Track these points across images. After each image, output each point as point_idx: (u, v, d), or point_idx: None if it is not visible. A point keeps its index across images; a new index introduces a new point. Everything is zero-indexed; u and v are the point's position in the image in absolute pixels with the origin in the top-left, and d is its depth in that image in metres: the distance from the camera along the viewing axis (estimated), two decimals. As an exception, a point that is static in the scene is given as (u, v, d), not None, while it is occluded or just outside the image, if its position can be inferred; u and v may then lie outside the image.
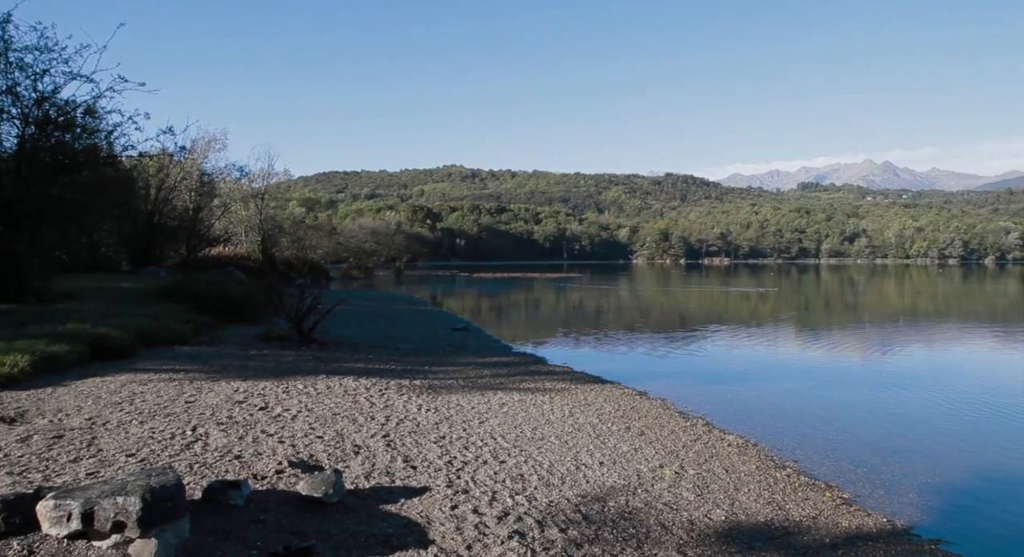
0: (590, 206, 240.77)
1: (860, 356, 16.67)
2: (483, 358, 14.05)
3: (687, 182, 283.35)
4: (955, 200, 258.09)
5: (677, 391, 11.20)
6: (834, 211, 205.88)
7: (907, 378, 13.32)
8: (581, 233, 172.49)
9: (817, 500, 6.04)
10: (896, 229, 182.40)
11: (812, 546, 4.98)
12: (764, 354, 16.69)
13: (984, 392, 11.85)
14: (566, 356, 15.35)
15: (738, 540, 5.00)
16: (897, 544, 5.12)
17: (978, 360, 16.27)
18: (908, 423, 9.36)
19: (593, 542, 4.80)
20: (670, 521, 5.29)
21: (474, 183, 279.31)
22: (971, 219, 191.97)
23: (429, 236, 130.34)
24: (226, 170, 41.65)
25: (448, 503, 5.29)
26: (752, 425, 9.00)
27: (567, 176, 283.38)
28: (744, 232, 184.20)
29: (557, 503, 5.50)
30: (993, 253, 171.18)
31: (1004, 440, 8.52)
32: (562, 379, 11.72)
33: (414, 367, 12.13)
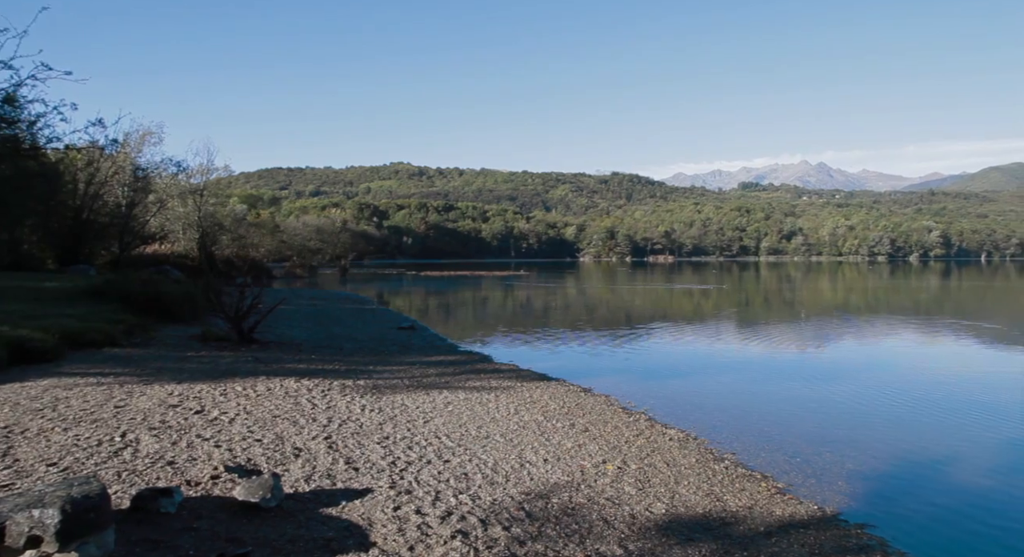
0: (538, 204, 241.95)
1: (796, 350, 17.27)
2: (429, 357, 13.95)
3: (633, 181, 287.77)
4: (883, 200, 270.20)
5: (621, 387, 11.37)
6: (772, 210, 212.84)
7: (838, 371, 13.87)
8: (529, 231, 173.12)
9: (753, 491, 6.22)
10: (830, 228, 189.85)
11: (748, 535, 5.12)
12: (706, 349, 17.11)
13: (908, 383, 12.46)
14: (513, 354, 15.39)
15: (678, 532, 5.10)
16: (826, 530, 5.32)
17: (903, 352, 17.08)
18: (838, 414, 9.75)
19: (536, 539, 4.82)
20: (612, 516, 5.36)
21: (421, 181, 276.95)
22: (897, 218, 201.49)
23: (376, 234, 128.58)
24: (162, 165, 40.12)
25: (391, 504, 5.23)
26: (693, 419, 9.21)
27: (515, 174, 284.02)
28: (687, 230, 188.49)
29: (501, 501, 5.50)
30: (917, 251, 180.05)
31: (924, 428, 8.97)
32: (508, 377, 11.74)
33: (358, 367, 11.95)
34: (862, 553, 4.92)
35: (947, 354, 16.75)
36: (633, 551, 4.71)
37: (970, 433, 8.72)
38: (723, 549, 4.82)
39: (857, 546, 5.05)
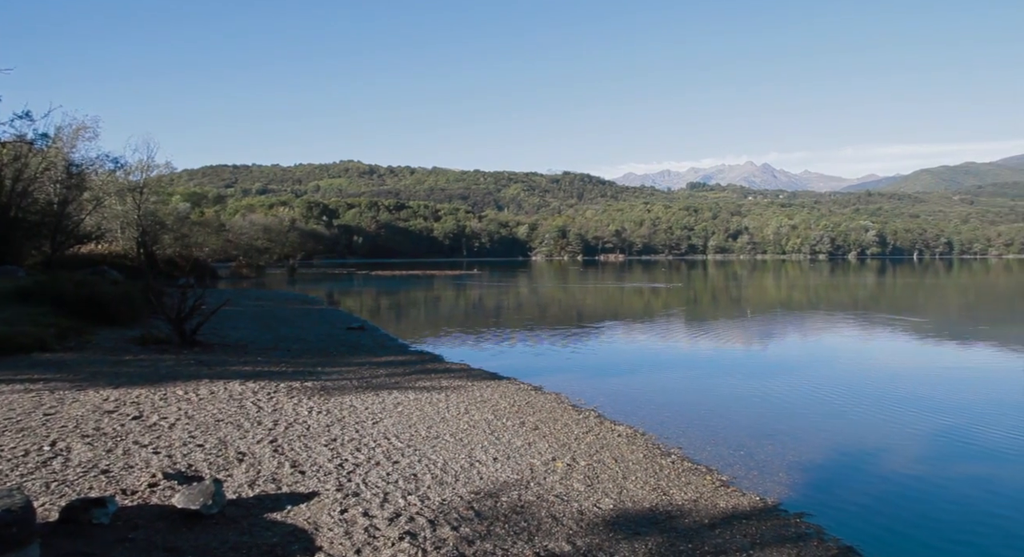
0: (489, 203, 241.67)
1: (741, 347, 17.74)
2: (379, 357, 13.80)
3: (584, 181, 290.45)
4: (824, 200, 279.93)
5: (572, 385, 11.47)
6: (719, 210, 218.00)
7: (781, 366, 14.32)
8: (481, 230, 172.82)
9: (699, 484, 6.36)
10: (774, 227, 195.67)
11: (692, 528, 5.24)
12: (655, 347, 17.41)
13: (845, 377, 12.96)
14: (464, 354, 15.34)
15: (625, 527, 5.18)
16: (767, 520, 5.48)
17: (841, 348, 17.74)
18: (780, 408, 10.06)
19: (485, 538, 4.82)
20: (561, 512, 5.40)
21: (372, 179, 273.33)
22: (837, 218, 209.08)
23: (325, 233, 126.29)
24: (98, 161, 38.46)
25: (338, 507, 5.15)
26: (642, 415, 9.36)
27: (467, 173, 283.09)
28: (638, 230, 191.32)
29: (450, 501, 5.49)
30: (855, 249, 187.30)
31: (860, 420, 9.33)
32: (459, 376, 11.70)
33: (306, 368, 11.73)
34: (800, 541, 5.09)
35: (881, 349, 17.47)
36: (581, 547, 4.76)
37: (902, 424, 9.11)
38: (669, 542, 4.91)
39: (795, 535, 5.22)
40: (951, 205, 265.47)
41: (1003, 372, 13.77)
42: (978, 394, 11.35)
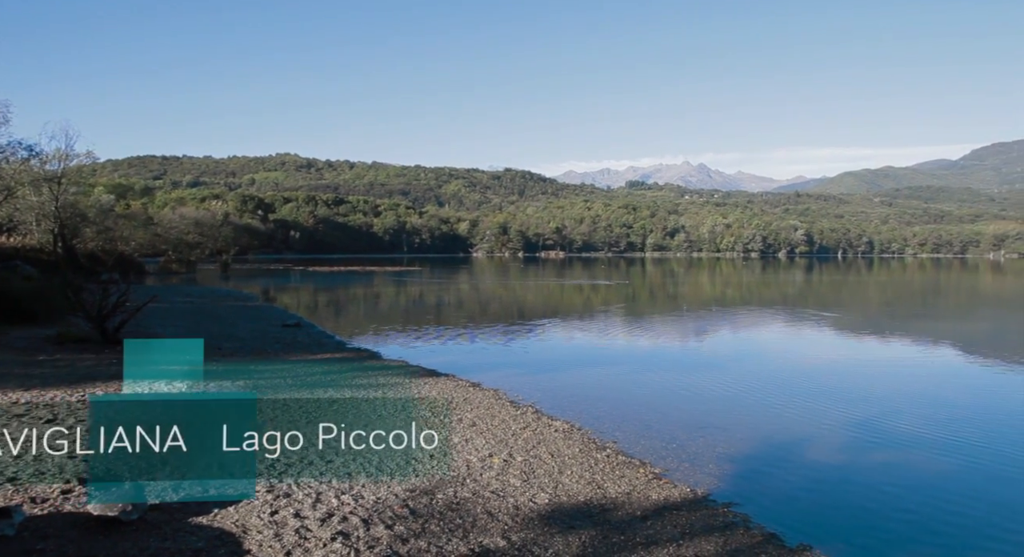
0: (430, 199, 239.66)
1: (677, 342, 18.22)
2: (315, 355, 13.51)
3: (525, 178, 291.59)
4: (756, 200, 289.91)
5: (510, 381, 11.51)
6: (657, 208, 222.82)
7: (713, 360, 14.78)
8: (421, 226, 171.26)
9: (632, 477, 6.48)
10: (709, 225, 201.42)
11: (625, 520, 5.34)
12: (594, 342, 17.68)
13: (774, 370, 13.49)
14: (403, 351, 15.20)
15: (559, 521, 5.23)
16: (697, 511, 5.64)
17: (770, 342, 18.46)
18: (712, 401, 10.38)
19: (419, 536, 4.79)
20: (496, 508, 5.41)
21: (310, 173, 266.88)
22: (768, 217, 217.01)
23: (261, 228, 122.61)
24: (9, 149, 36.15)
25: (268, 509, 5.02)
26: (578, 410, 9.48)
27: (407, 168, 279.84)
28: (578, 227, 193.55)
29: (385, 500, 5.43)
30: (785, 248, 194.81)
31: (787, 412, 9.72)
32: (397, 374, 11.58)
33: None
34: (727, 530, 5.26)
35: (807, 343, 18.25)
36: (516, 542, 4.79)
37: (824, 415, 9.54)
38: (602, 534, 4.99)
39: (723, 524, 5.39)
40: (872, 206, 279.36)
41: (916, 364, 14.59)
42: (894, 386, 12.01)
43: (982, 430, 8.85)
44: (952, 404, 10.51)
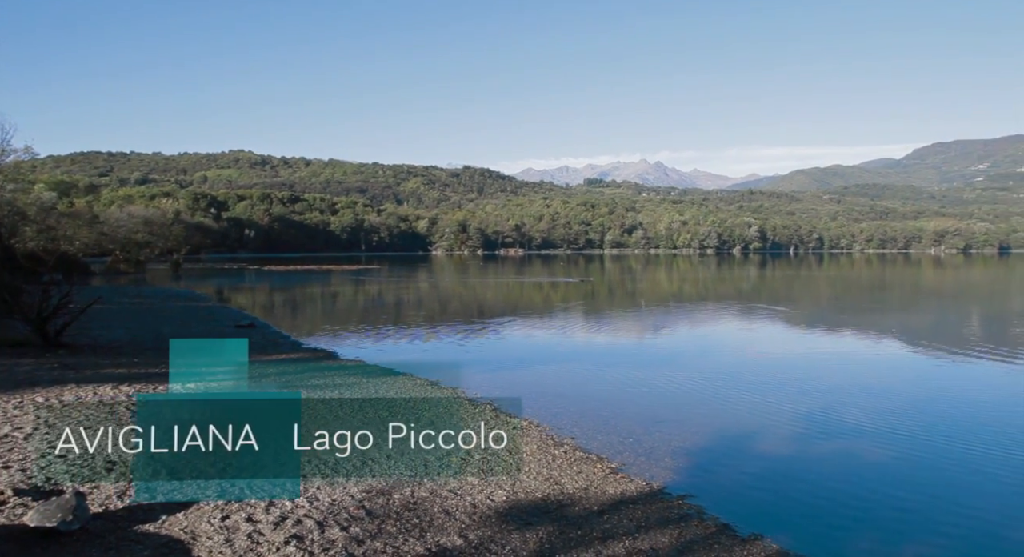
0: (389, 197, 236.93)
1: (635, 337, 18.44)
2: (269, 355, 13.24)
3: (484, 175, 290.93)
4: (711, 198, 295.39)
5: (469, 379, 11.49)
6: (615, 206, 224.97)
7: (670, 356, 15.02)
8: (380, 224, 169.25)
9: (589, 472, 6.53)
10: (666, 223, 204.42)
11: (582, 515, 5.37)
12: (553, 339, 17.76)
13: (729, 365, 13.78)
14: (360, 350, 15.02)
15: (517, 518, 5.24)
16: (652, 504, 5.72)
17: (726, 336, 18.83)
18: (668, 396, 10.54)
19: (376, 537, 4.74)
20: (454, 507, 5.39)
21: (264, 170, 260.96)
22: (723, 215, 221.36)
23: (214, 226, 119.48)
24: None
25: (218, 514, 4.90)
26: (537, 406, 9.51)
27: (365, 166, 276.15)
28: (537, 224, 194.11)
29: (340, 501, 5.35)
30: (739, 244, 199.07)
31: (740, 405, 9.94)
32: (353, 373, 11.43)
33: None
34: (682, 522, 5.34)
35: (761, 337, 18.68)
36: (473, 540, 4.77)
37: (777, 407, 9.79)
38: (559, 530, 5.02)
39: (678, 516, 5.48)
40: (822, 204, 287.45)
41: (862, 357, 15.09)
42: (841, 378, 12.40)
43: (922, 420, 9.20)
44: (895, 395, 10.90)
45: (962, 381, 12.29)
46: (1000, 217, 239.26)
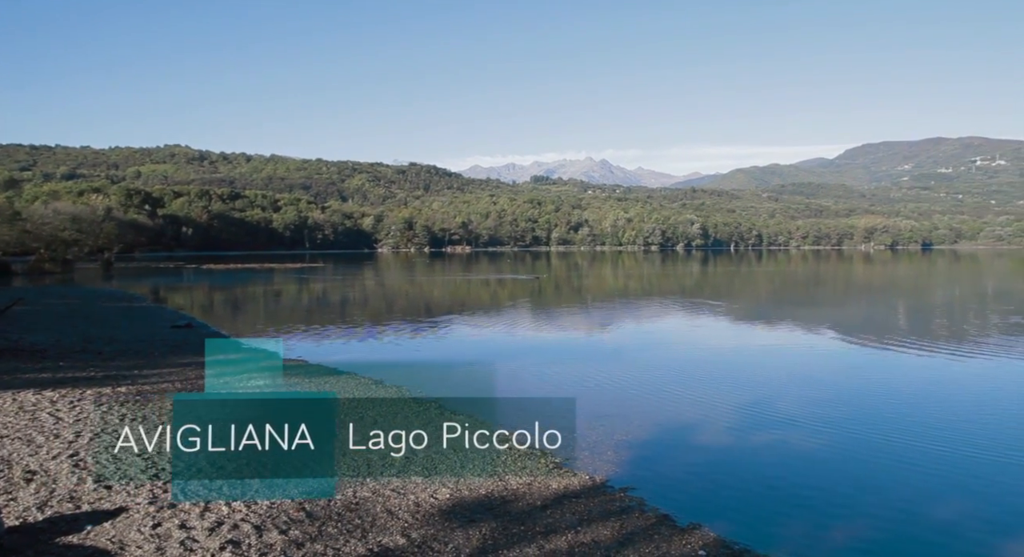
0: (333, 194, 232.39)
1: (580, 333, 18.64)
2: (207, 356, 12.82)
3: (431, 172, 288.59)
4: (655, 196, 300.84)
5: (414, 377, 11.35)
6: (562, 203, 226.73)
7: (614, 350, 15.25)
8: (324, 221, 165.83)
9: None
10: (611, 220, 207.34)
11: (526, 510, 5.41)
12: (499, 336, 17.78)
13: (671, 358, 14.10)
14: (303, 349, 14.71)
15: (461, 515, 5.23)
16: (595, 497, 5.81)
17: (668, 331, 19.24)
18: (610, 389, 10.70)
19: (316, 539, 4.66)
20: (397, 506, 5.35)
21: (203, 166, 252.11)
22: (667, 212, 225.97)
23: (149, 224, 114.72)
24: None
25: (150, 521, 4.72)
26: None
27: (308, 162, 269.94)
28: (484, 222, 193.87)
29: (280, 504, 5.24)
30: (682, 241, 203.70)
31: (681, 397, 10.18)
32: (296, 374, 11.18)
33: (120, 372, 10.63)
34: (623, 514, 5.44)
35: (702, 331, 19.16)
36: (416, 539, 4.75)
37: (716, 400, 10.06)
38: (502, 526, 5.04)
39: (620, 508, 5.57)
40: (760, 202, 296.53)
41: (797, 349, 15.66)
42: (777, 369, 12.84)
43: (850, 410, 9.63)
44: (826, 386, 11.36)
45: (887, 372, 12.90)
46: (923, 215, 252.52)
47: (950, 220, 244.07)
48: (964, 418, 9.08)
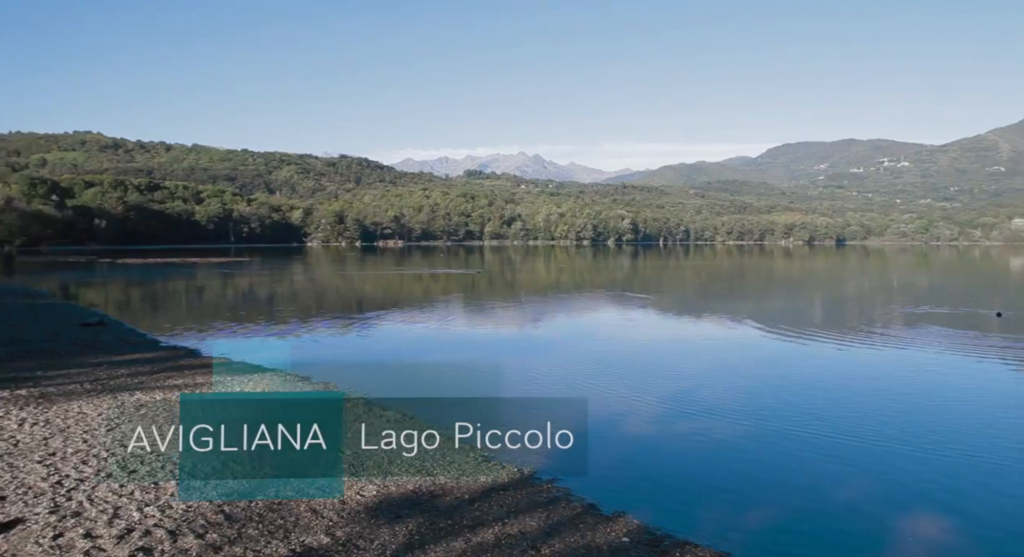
0: (260, 186, 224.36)
1: (514, 327, 18.72)
2: (122, 355, 12.19)
3: (362, 165, 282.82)
4: (587, 191, 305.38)
5: (343, 373, 11.16)
6: (495, 197, 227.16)
7: (544, 343, 15.41)
8: (250, 214, 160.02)
9: (462, 462, 6.55)
10: (544, 215, 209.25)
11: (454, 505, 5.40)
12: (432, 331, 17.66)
13: (600, 349, 14.35)
14: (227, 347, 14.21)
15: (387, 511, 5.17)
16: (523, 489, 5.85)
17: (598, 323, 19.59)
18: (539, 381, 10.83)
19: (235, 542, 4.51)
20: (322, 505, 5.24)
21: (118, 155, 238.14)
22: (598, 207, 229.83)
23: (56, 215, 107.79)
24: None
25: (50, 532, 4.45)
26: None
27: (233, 153, 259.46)
28: (416, 216, 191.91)
29: (197, 507, 5.04)
30: (613, 236, 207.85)
31: (610, 387, 10.38)
32: (217, 371, 10.79)
33: (21, 374, 9.97)
34: (550, 505, 5.51)
35: (631, 324, 19.60)
36: (340, 538, 4.66)
37: (643, 390, 10.31)
38: (429, 521, 5.01)
39: (547, 499, 5.64)
40: (688, 198, 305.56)
41: (721, 340, 16.25)
42: (701, 360, 13.29)
43: (769, 398, 10.07)
44: (746, 376, 11.83)
45: (802, 363, 13.55)
46: (837, 212, 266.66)
47: (861, 217, 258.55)
48: (871, 405, 9.65)
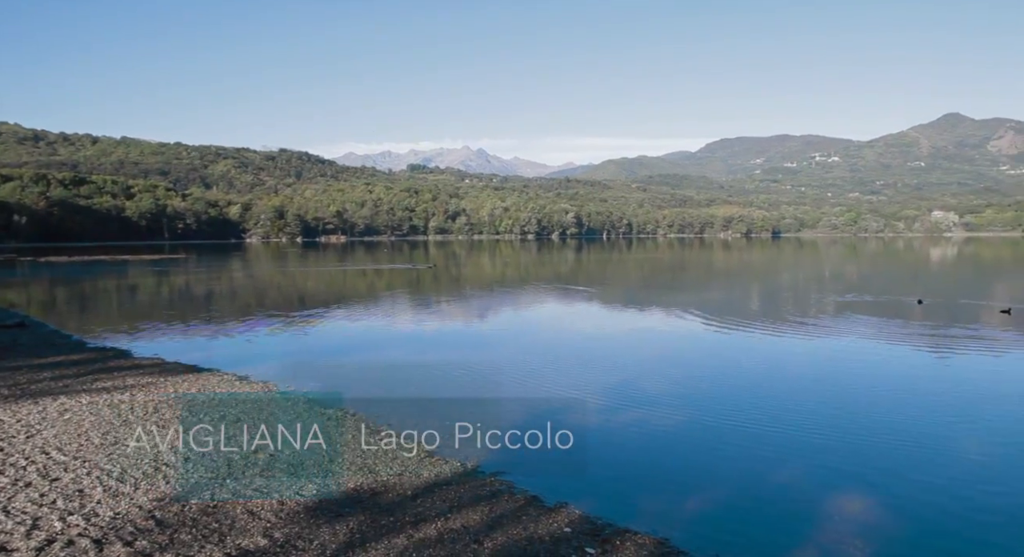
0: (195, 181, 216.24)
1: (459, 322, 18.67)
2: (43, 358, 11.60)
3: (302, 159, 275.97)
4: (531, 185, 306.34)
5: (283, 372, 10.94)
6: (439, 192, 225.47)
7: (487, 338, 15.45)
8: (185, 210, 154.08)
9: (404, 458, 6.52)
10: (489, 209, 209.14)
11: (396, 501, 5.35)
12: (374, 328, 17.45)
13: (543, 343, 14.48)
14: (160, 347, 13.66)
15: (327, 511, 5.09)
16: (466, 483, 5.86)
17: (542, 317, 19.73)
18: (482, 376, 10.84)
19: (167, 548, 4.36)
20: (259, 506, 5.12)
21: (39, 147, 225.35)
22: (543, 201, 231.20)
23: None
24: None
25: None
26: (354, 396, 9.29)
27: (166, 146, 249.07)
28: (360, 210, 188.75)
29: (126, 514, 4.85)
30: (558, 230, 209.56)
31: (552, 381, 10.49)
32: (150, 373, 10.39)
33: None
34: (493, 498, 5.53)
35: (574, 316, 19.84)
36: (279, 539, 4.57)
37: (585, 382, 10.46)
38: (371, 519, 4.95)
39: (490, 493, 5.66)
40: (630, 192, 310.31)
41: (662, 331, 16.60)
42: (643, 351, 13.56)
43: (708, 387, 10.36)
44: (685, 365, 12.15)
45: (739, 351, 13.99)
46: (773, 205, 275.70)
47: (795, 210, 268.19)
48: (803, 392, 10.05)
